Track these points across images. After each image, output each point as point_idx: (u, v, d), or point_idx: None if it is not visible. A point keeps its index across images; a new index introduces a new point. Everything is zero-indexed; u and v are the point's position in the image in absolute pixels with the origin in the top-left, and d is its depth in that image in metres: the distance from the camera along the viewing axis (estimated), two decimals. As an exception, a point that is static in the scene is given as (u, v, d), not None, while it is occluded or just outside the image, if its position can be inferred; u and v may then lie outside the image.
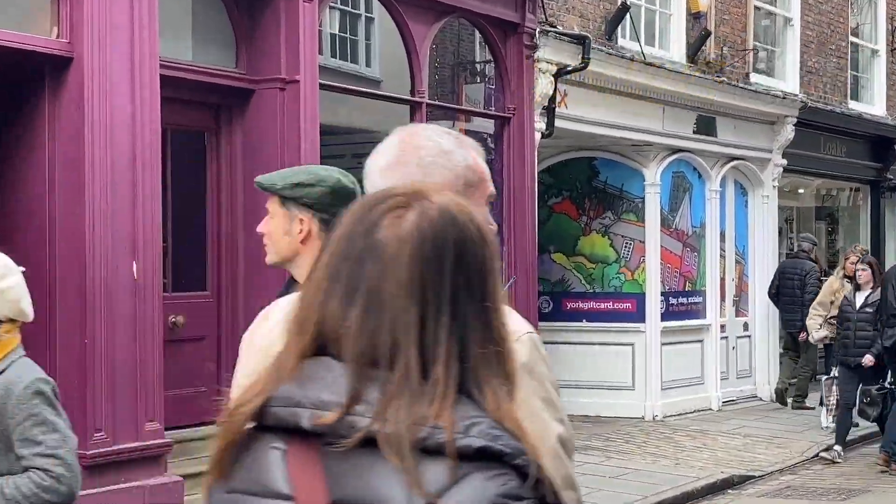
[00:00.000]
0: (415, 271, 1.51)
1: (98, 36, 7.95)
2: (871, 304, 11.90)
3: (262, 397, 1.53)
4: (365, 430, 1.45)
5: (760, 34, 16.20)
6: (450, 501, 1.41)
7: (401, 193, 1.58)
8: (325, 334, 1.53)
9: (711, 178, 14.84)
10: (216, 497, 1.57)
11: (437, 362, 1.48)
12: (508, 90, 11.64)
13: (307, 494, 1.48)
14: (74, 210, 7.89)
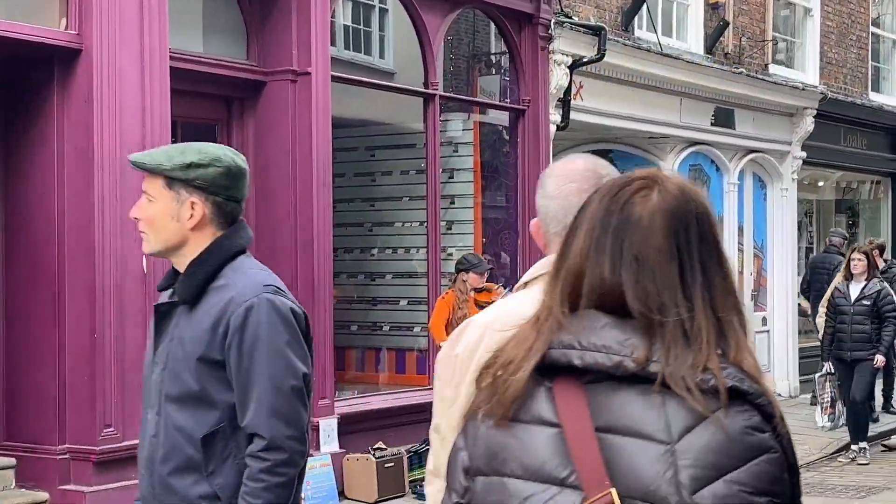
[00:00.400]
0: (670, 239, 1.78)
1: (107, 27, 7.85)
2: (867, 295, 11.41)
3: (540, 350, 1.79)
4: (646, 370, 1.72)
5: (780, 25, 16.01)
6: (714, 422, 1.69)
7: (642, 177, 1.84)
8: (598, 294, 1.79)
9: (729, 170, 14.67)
10: (485, 428, 1.82)
11: (698, 315, 1.75)
12: (523, 82, 11.51)
13: (573, 422, 1.74)
14: (83, 203, 7.80)
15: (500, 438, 1.79)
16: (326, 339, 9.31)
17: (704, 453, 1.68)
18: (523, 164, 11.53)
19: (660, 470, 1.68)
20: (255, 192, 9.36)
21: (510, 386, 1.79)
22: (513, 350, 1.83)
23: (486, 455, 1.81)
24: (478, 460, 1.82)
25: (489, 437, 1.81)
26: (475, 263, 9.57)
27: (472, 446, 1.83)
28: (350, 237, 11.90)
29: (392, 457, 9.37)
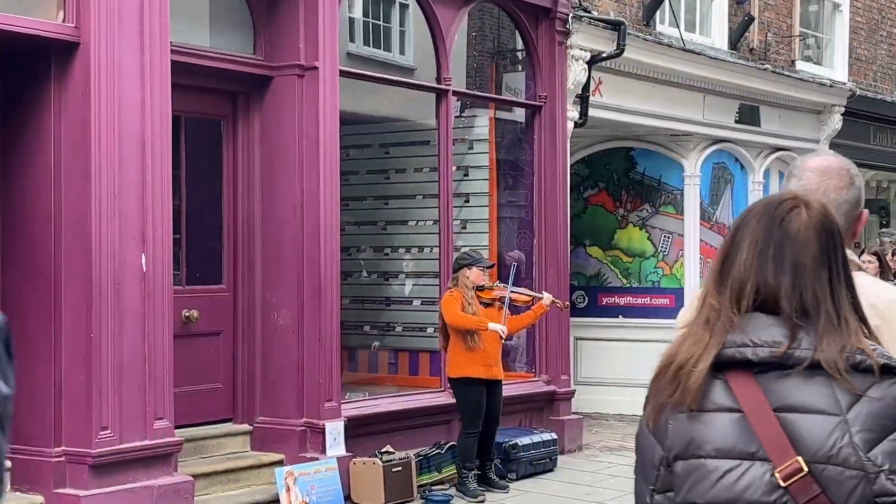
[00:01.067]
0: (821, 248, 2.18)
1: (106, 20, 7.67)
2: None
3: (715, 347, 2.16)
4: (809, 358, 2.11)
5: (807, 20, 15.68)
6: (873, 393, 2.08)
7: (790, 198, 2.24)
8: (762, 296, 2.18)
9: (755, 169, 14.36)
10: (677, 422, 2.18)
11: (844, 309, 2.16)
12: (540, 77, 11.25)
13: (753, 406, 2.12)
14: (80, 200, 7.62)
15: (692, 427, 2.16)
16: (333, 339, 9.09)
17: (871, 419, 2.07)
18: (540, 162, 11.28)
19: (838, 437, 2.07)
20: (261, 189, 9.17)
21: (692, 379, 2.15)
22: (690, 348, 2.19)
23: (682, 443, 2.17)
24: (675, 449, 2.18)
25: (682, 428, 2.17)
26: (477, 259, 9.32)
27: (667, 439, 2.19)
28: (363, 236, 11.70)
29: (400, 461, 9.14)
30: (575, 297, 13.54)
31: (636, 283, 13.58)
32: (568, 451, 10.98)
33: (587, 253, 13.71)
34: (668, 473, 2.19)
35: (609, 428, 12.58)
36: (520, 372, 11.34)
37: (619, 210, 13.65)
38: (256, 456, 9.02)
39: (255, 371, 9.19)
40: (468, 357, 9.12)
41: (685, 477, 2.16)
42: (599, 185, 13.73)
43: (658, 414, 2.22)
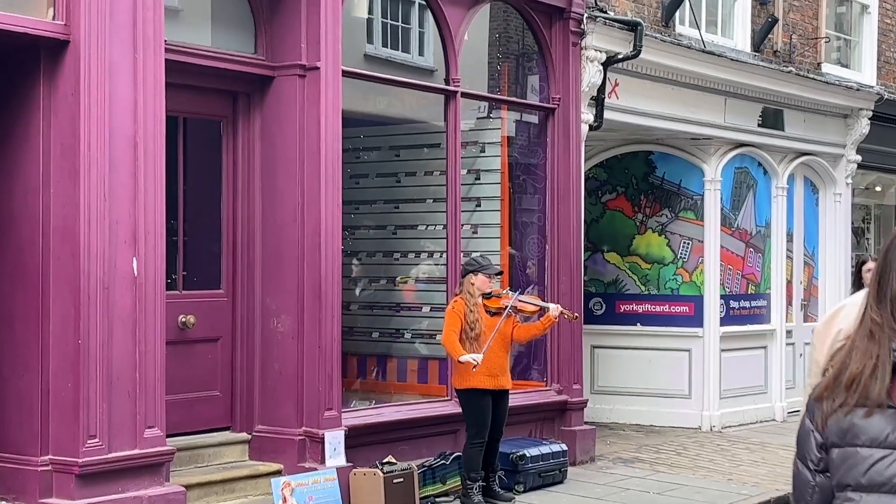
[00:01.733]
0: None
1: (97, 18, 7.47)
2: None
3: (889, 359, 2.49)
4: None
5: (834, 22, 15.33)
6: None
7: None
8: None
9: (778, 174, 14.02)
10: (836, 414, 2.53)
11: None
12: (553, 79, 10.99)
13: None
14: (69, 202, 7.42)
15: (849, 420, 2.50)
16: (334, 346, 8.86)
17: None
18: (553, 166, 11.01)
19: None
20: (261, 192, 8.97)
21: (876, 389, 2.48)
22: (861, 359, 2.51)
23: (838, 433, 2.51)
24: (832, 437, 2.52)
25: (840, 420, 2.51)
26: (484, 265, 9.03)
27: (825, 427, 2.53)
28: (372, 240, 11.48)
29: (402, 472, 8.89)
30: (592, 305, 13.26)
31: (655, 291, 13.27)
32: (580, 463, 10.70)
33: (605, 259, 13.41)
34: (825, 457, 2.55)
35: (625, 438, 12.29)
36: (531, 381, 11.07)
37: (638, 215, 13.35)
38: (254, 465, 8.81)
39: (254, 378, 8.98)
40: (470, 368, 8.85)
41: (841, 462, 2.51)
42: (618, 190, 13.43)
43: (831, 414, 2.54)
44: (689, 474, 10.67)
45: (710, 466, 11.07)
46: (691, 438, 12.47)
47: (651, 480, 10.27)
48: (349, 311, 11.19)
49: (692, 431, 12.85)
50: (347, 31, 10.31)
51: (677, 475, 10.58)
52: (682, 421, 13.02)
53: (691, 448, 11.95)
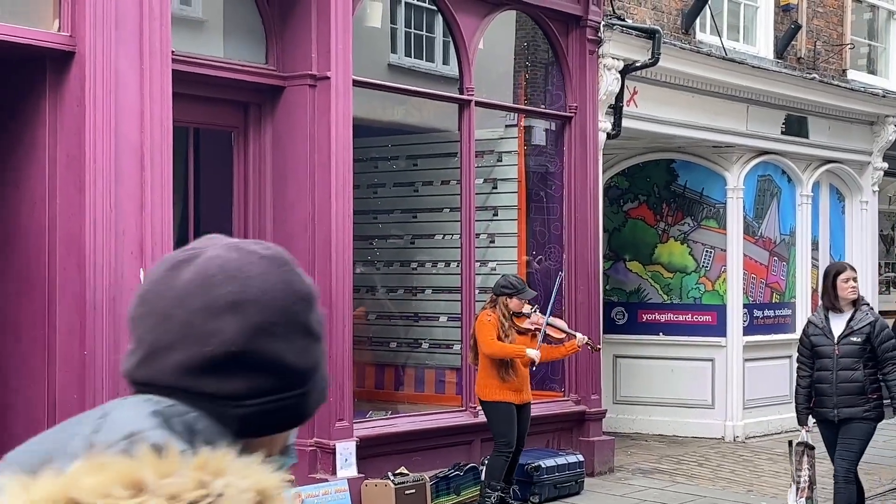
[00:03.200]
0: None
1: (102, 29, 7.48)
2: (857, 330, 8.17)
3: None
4: None
5: (860, 28, 15.16)
6: None
7: None
8: None
9: (802, 182, 13.88)
10: None
11: None
12: (570, 87, 10.92)
13: None
14: (75, 213, 7.42)
15: None
16: (345, 356, 8.83)
17: None
18: (570, 174, 10.94)
19: None
20: (272, 202, 8.95)
21: None
22: None
23: None
24: None
25: None
26: (520, 289, 8.83)
27: None
28: (390, 250, 11.45)
29: (413, 483, 8.84)
30: (614, 314, 13.17)
31: (677, 300, 13.16)
32: (598, 474, 10.60)
33: (627, 268, 13.31)
34: None
35: (646, 449, 12.17)
36: (549, 391, 10.98)
37: (660, 224, 13.24)
38: (265, 476, 8.76)
39: (266, 389, 8.94)
40: (500, 384, 8.76)
41: None
42: (639, 199, 13.33)
43: None
44: (708, 485, 10.55)
45: (731, 477, 10.94)
46: (714, 449, 12.34)
47: (670, 492, 10.16)
48: (367, 321, 11.18)
49: (715, 442, 12.72)
50: (370, 40, 10.33)
51: (697, 486, 10.47)
52: (705, 431, 12.89)
53: (713, 459, 11.82)
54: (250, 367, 1.36)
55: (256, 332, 1.35)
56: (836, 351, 8.19)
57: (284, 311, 1.38)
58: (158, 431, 1.26)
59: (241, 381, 1.35)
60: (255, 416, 1.36)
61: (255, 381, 1.36)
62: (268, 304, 1.37)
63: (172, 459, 1.12)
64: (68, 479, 1.10)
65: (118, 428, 1.28)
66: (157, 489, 1.09)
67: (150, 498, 1.08)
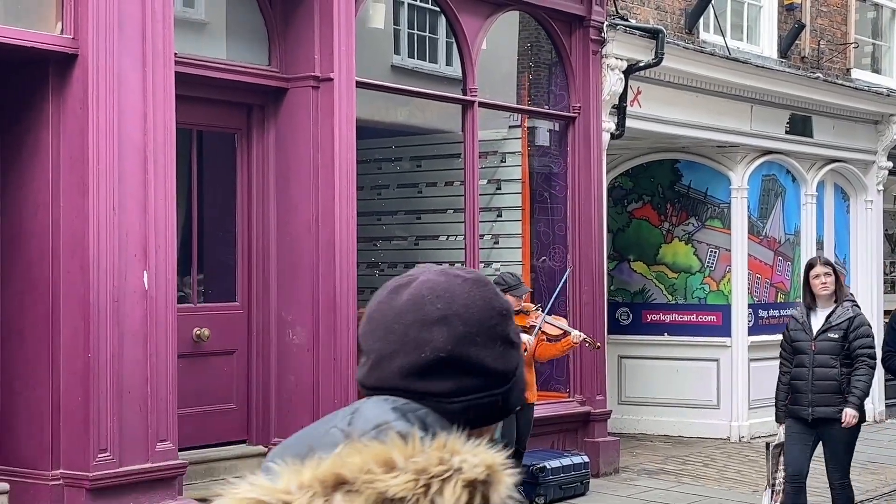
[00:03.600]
0: None
1: (105, 31, 7.47)
2: (835, 326, 7.85)
3: None
4: None
5: (864, 27, 15.13)
6: None
7: None
8: None
9: (807, 181, 13.85)
10: None
11: None
12: (573, 88, 10.90)
13: None
14: (78, 215, 7.42)
15: None
16: (349, 357, 8.80)
17: None
18: (573, 175, 10.92)
19: None
20: (275, 204, 8.94)
21: None
22: None
23: None
24: None
25: None
26: (514, 285, 8.83)
27: None
28: (394, 251, 11.43)
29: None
30: (619, 314, 13.15)
31: (682, 300, 13.13)
32: (603, 474, 10.58)
33: (631, 268, 13.29)
34: None
35: (651, 450, 12.15)
36: (553, 392, 10.96)
37: (664, 224, 13.22)
38: (270, 479, 8.75)
39: (270, 391, 8.94)
40: None
41: None
42: (644, 199, 13.31)
43: None
44: (714, 486, 10.53)
45: (737, 478, 10.92)
46: (719, 449, 12.32)
47: (675, 492, 10.14)
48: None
49: (721, 442, 12.69)
50: (373, 42, 10.31)
51: (702, 486, 10.45)
52: (710, 431, 12.86)
53: (718, 459, 11.80)
54: (457, 370, 1.63)
55: (461, 341, 1.63)
56: (812, 347, 7.87)
57: (484, 324, 1.65)
58: (401, 422, 1.53)
59: (450, 381, 1.62)
60: (465, 410, 1.62)
61: (462, 382, 1.63)
62: (470, 318, 1.64)
63: (416, 443, 1.38)
64: (334, 461, 1.37)
65: (368, 420, 1.55)
66: (407, 466, 1.35)
67: (401, 473, 1.34)
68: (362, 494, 1.34)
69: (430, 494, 1.33)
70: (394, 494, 1.33)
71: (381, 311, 1.69)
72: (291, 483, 1.36)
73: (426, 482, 1.34)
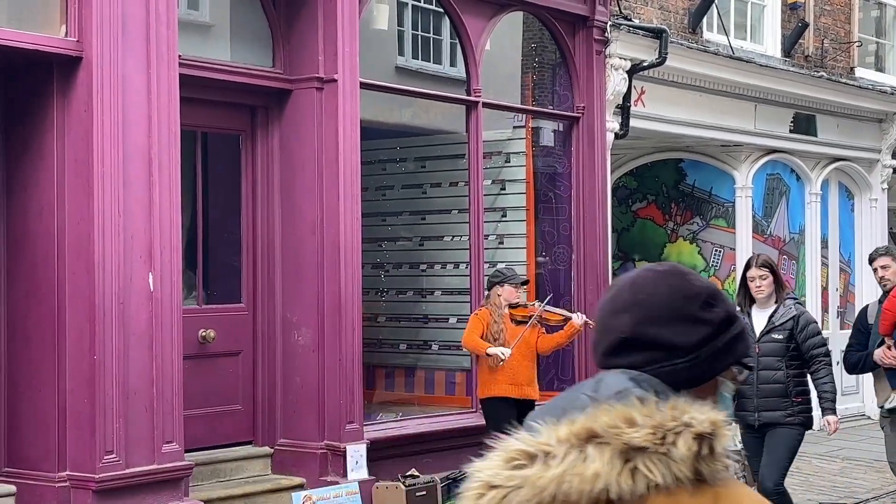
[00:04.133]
0: None
1: (109, 34, 7.49)
2: (778, 326, 7.47)
3: None
4: None
5: (868, 26, 15.13)
6: None
7: None
8: None
9: (811, 180, 13.85)
10: None
11: None
12: (577, 88, 10.91)
13: None
14: (83, 218, 7.44)
15: None
16: (354, 359, 8.82)
17: None
18: (577, 175, 10.93)
19: None
20: (280, 205, 8.96)
21: None
22: None
23: None
24: None
25: None
26: (509, 276, 8.94)
27: None
28: (399, 252, 11.45)
29: (424, 485, 8.84)
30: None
31: (687, 299, 13.11)
32: (609, 474, 10.56)
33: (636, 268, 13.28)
34: None
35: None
36: (559, 391, 10.95)
37: (669, 223, 13.23)
38: (276, 479, 8.78)
39: (276, 392, 8.95)
40: (492, 376, 8.78)
41: None
42: (648, 198, 13.32)
43: None
44: (719, 485, 10.50)
45: (742, 477, 10.91)
46: (725, 449, 12.29)
47: (680, 492, 10.11)
48: (377, 323, 11.19)
49: (726, 441, 12.66)
50: (377, 43, 10.33)
51: (708, 486, 10.41)
52: (715, 431, 12.84)
53: (724, 458, 11.77)
54: (640, 347, 1.93)
55: (641, 323, 1.94)
56: (756, 349, 7.41)
57: (667, 307, 1.94)
58: (638, 389, 1.81)
59: (635, 356, 1.93)
60: (673, 377, 1.91)
61: (647, 355, 1.93)
62: (652, 304, 1.94)
63: (652, 404, 1.67)
64: (587, 419, 1.66)
65: (611, 388, 1.83)
66: (645, 422, 1.63)
67: (641, 428, 1.62)
68: (610, 445, 1.62)
69: (666, 444, 1.61)
70: (637, 444, 1.61)
71: (599, 306, 2.06)
72: (551, 437, 1.66)
73: (662, 434, 1.62)
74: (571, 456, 1.63)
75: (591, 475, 1.61)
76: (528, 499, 1.62)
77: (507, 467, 1.66)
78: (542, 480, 1.62)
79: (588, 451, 1.62)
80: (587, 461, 1.62)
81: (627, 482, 1.60)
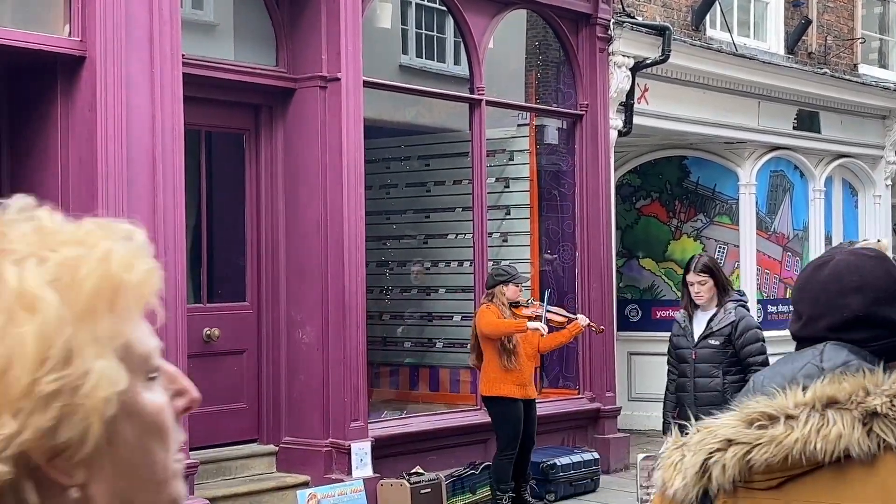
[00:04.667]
0: None
1: (113, 34, 7.51)
2: (716, 331, 7.14)
3: None
4: None
5: (871, 23, 15.13)
6: None
7: None
8: None
9: (815, 177, 13.86)
10: None
11: None
12: (580, 85, 10.92)
13: None
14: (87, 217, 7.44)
15: None
16: (359, 357, 8.84)
17: None
18: (581, 173, 10.94)
19: None
20: (284, 204, 8.98)
21: None
22: None
23: None
24: None
25: None
26: (514, 274, 8.93)
27: None
28: (403, 250, 11.47)
29: (429, 482, 8.86)
30: (628, 311, 13.17)
31: (691, 297, 13.12)
32: (613, 471, 10.61)
33: (640, 265, 13.30)
34: None
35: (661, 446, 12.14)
36: (563, 389, 11.00)
37: (673, 221, 13.24)
38: (281, 477, 8.80)
39: (281, 390, 8.98)
40: (504, 376, 8.76)
41: None
42: (652, 196, 13.33)
43: None
44: (724, 482, 10.53)
45: (747, 474, 10.93)
46: (729, 445, 12.32)
47: (685, 488, 10.14)
48: (381, 321, 11.21)
49: (730, 438, 12.68)
50: (380, 41, 10.35)
51: (712, 483, 10.45)
52: (720, 428, 12.85)
53: (728, 455, 11.79)
54: (869, 325, 2.19)
55: (872, 303, 2.20)
56: (693, 355, 7.20)
57: (887, 290, 2.22)
58: (858, 361, 2.04)
59: (865, 332, 2.19)
60: (878, 352, 2.14)
61: (874, 333, 2.20)
62: (879, 286, 2.21)
63: (879, 375, 1.86)
64: (827, 385, 1.84)
65: (835, 359, 2.10)
66: (876, 391, 1.82)
67: (878, 396, 1.82)
68: (851, 411, 1.81)
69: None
70: (880, 411, 1.80)
71: (809, 284, 2.26)
72: (789, 401, 1.83)
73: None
74: (814, 419, 1.80)
75: (834, 437, 1.78)
76: (774, 454, 1.79)
77: (749, 426, 1.82)
78: (789, 439, 1.79)
79: (829, 415, 1.80)
80: (829, 424, 1.79)
81: (865, 443, 1.78)
